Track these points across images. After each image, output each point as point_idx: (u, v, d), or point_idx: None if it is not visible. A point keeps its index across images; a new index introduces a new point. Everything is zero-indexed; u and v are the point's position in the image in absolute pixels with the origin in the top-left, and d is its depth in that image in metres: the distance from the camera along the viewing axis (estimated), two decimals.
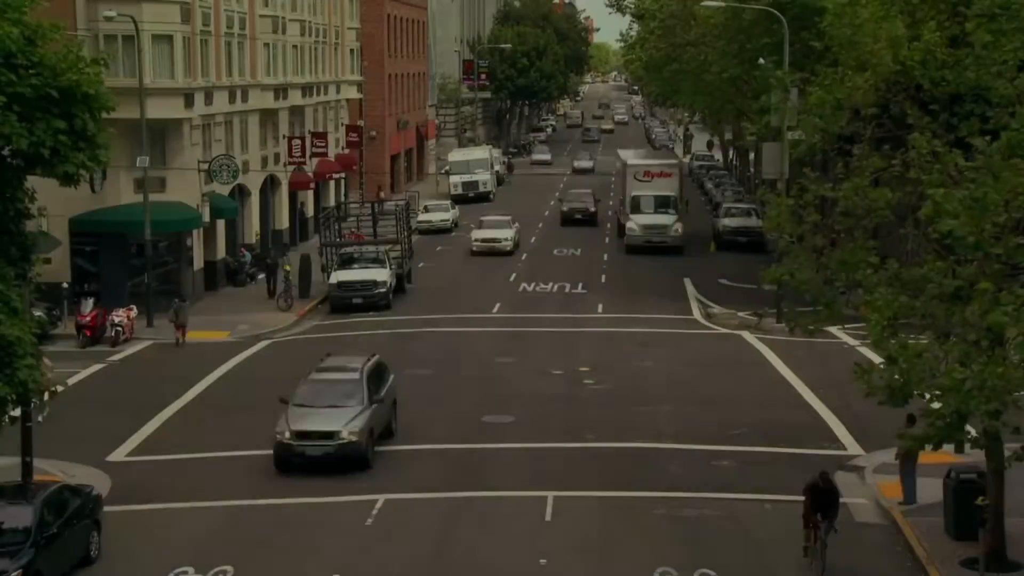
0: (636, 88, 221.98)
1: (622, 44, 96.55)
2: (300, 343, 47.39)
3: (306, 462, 30.53)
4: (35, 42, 23.38)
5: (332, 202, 73.70)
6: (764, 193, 31.39)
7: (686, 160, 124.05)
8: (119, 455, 32.58)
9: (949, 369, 21.46)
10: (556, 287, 57.86)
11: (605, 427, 34.43)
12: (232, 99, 58.37)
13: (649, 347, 45.34)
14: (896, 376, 22.27)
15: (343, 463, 30.35)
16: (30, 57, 23.21)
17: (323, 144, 69.06)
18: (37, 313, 27.40)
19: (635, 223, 56.12)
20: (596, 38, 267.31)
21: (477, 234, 68.34)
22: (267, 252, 61.06)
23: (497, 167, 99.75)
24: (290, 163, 66.06)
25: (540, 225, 78.83)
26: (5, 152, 23.61)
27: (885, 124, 27.57)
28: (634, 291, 56.67)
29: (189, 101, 51.59)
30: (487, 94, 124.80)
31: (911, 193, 25.31)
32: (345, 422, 30.55)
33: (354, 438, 30.29)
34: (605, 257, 66.38)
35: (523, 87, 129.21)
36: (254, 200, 62.25)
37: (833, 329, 43.35)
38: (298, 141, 66.02)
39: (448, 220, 77.73)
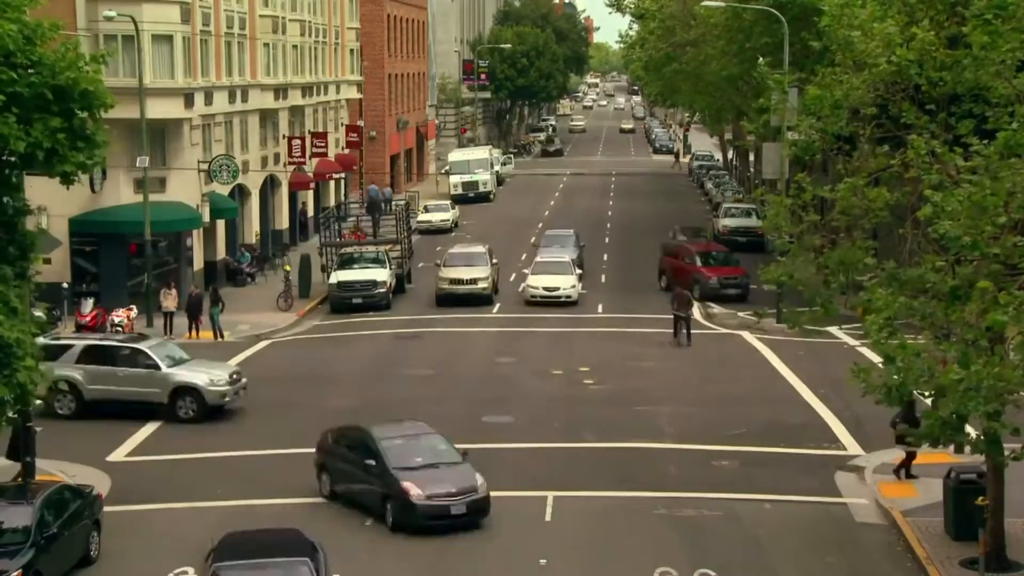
0: (636, 88, 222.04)
1: (621, 44, 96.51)
2: (300, 343, 47.43)
3: None
4: (34, 41, 23.38)
5: (332, 202, 73.74)
6: (763, 193, 31.41)
7: (686, 160, 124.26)
8: (119, 455, 32.59)
9: (947, 369, 21.47)
10: None
11: (605, 427, 34.43)
12: (232, 99, 58.39)
13: (649, 347, 45.34)
14: (894, 376, 22.29)
15: None
16: (29, 56, 23.23)
17: (323, 144, 69.06)
18: (37, 313, 27.33)
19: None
20: (596, 38, 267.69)
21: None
22: (265, 251, 61.20)
23: (497, 167, 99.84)
24: (290, 163, 66.08)
25: (540, 225, 78.79)
26: (4, 151, 23.63)
27: (884, 124, 27.57)
28: (634, 291, 56.67)
29: (189, 101, 51.59)
30: (487, 94, 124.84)
31: (910, 193, 25.32)
32: None
33: None
34: (605, 257, 66.40)
35: (523, 87, 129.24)
36: (254, 200, 62.26)
37: (833, 329, 43.46)
38: (298, 141, 66.03)
39: (448, 220, 77.77)
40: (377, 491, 27.13)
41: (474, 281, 52.71)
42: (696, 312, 52.38)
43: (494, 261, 55.47)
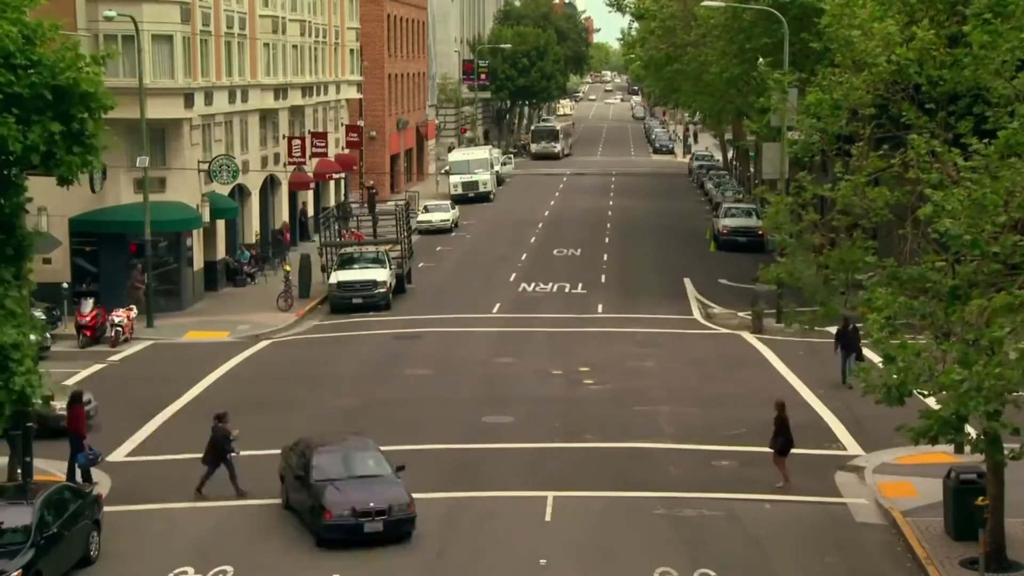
0: (636, 88, 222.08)
1: (623, 42, 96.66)
2: (300, 343, 47.42)
3: None
4: (34, 41, 23.36)
5: (332, 202, 73.73)
6: (763, 192, 31.42)
7: (686, 160, 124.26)
8: (119, 455, 32.57)
9: (947, 369, 21.47)
10: (556, 287, 57.85)
11: (605, 427, 34.42)
12: (232, 99, 58.38)
13: (649, 347, 45.33)
14: (894, 376, 22.29)
15: None
16: (29, 56, 23.20)
17: (323, 144, 69.05)
18: (36, 313, 27.32)
19: None
20: (596, 38, 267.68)
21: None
22: (266, 251, 61.23)
23: (497, 167, 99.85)
24: (290, 163, 66.07)
25: (540, 225, 78.86)
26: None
27: (884, 124, 27.59)
28: (634, 291, 56.70)
29: (189, 101, 51.58)
30: (487, 94, 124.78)
31: (910, 193, 25.33)
32: None
33: None
34: (605, 257, 66.40)
35: (523, 87, 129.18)
36: (254, 200, 62.25)
37: (833, 329, 43.42)
38: (298, 141, 66.01)
39: (448, 220, 77.76)
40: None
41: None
42: (696, 312, 52.46)
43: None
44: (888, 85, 26.21)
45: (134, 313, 47.24)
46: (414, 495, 28.66)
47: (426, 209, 79.32)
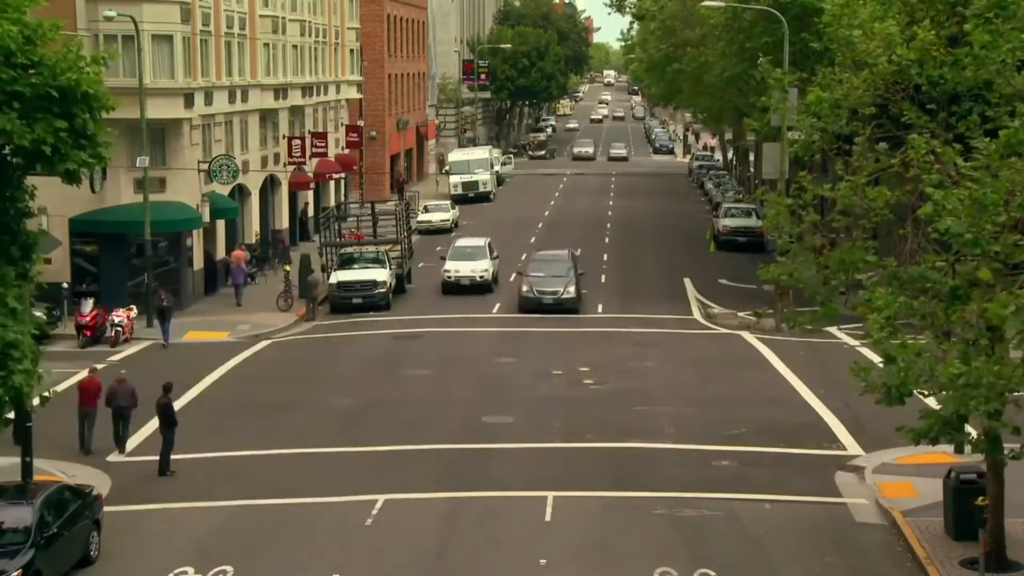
0: (636, 88, 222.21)
1: (623, 44, 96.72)
2: (300, 343, 47.42)
3: None
4: (35, 41, 23.34)
5: (332, 202, 73.76)
6: (763, 193, 31.41)
7: (686, 160, 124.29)
8: (119, 455, 32.56)
9: (947, 364, 21.45)
10: None
11: (605, 427, 34.41)
12: (232, 99, 58.39)
13: (649, 347, 45.34)
14: (895, 375, 22.26)
15: None
16: (30, 56, 23.18)
17: (323, 144, 69.07)
18: (37, 313, 27.32)
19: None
20: (596, 38, 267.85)
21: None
22: (266, 251, 61.26)
23: (497, 167, 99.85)
24: (290, 163, 66.08)
25: (540, 225, 78.87)
26: (6, 151, 23.58)
27: (884, 124, 27.58)
28: (634, 291, 56.69)
29: (189, 101, 51.59)
30: (487, 94, 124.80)
31: (910, 192, 25.33)
32: None
33: None
34: (605, 257, 66.40)
35: (523, 87, 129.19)
36: (254, 200, 62.27)
37: (833, 329, 43.48)
38: (298, 141, 66.03)
39: (448, 220, 77.76)
40: None
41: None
42: (696, 312, 52.46)
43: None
44: (888, 85, 26.21)
45: (134, 313, 47.25)
46: (415, 495, 28.72)
47: (426, 209, 79.34)
